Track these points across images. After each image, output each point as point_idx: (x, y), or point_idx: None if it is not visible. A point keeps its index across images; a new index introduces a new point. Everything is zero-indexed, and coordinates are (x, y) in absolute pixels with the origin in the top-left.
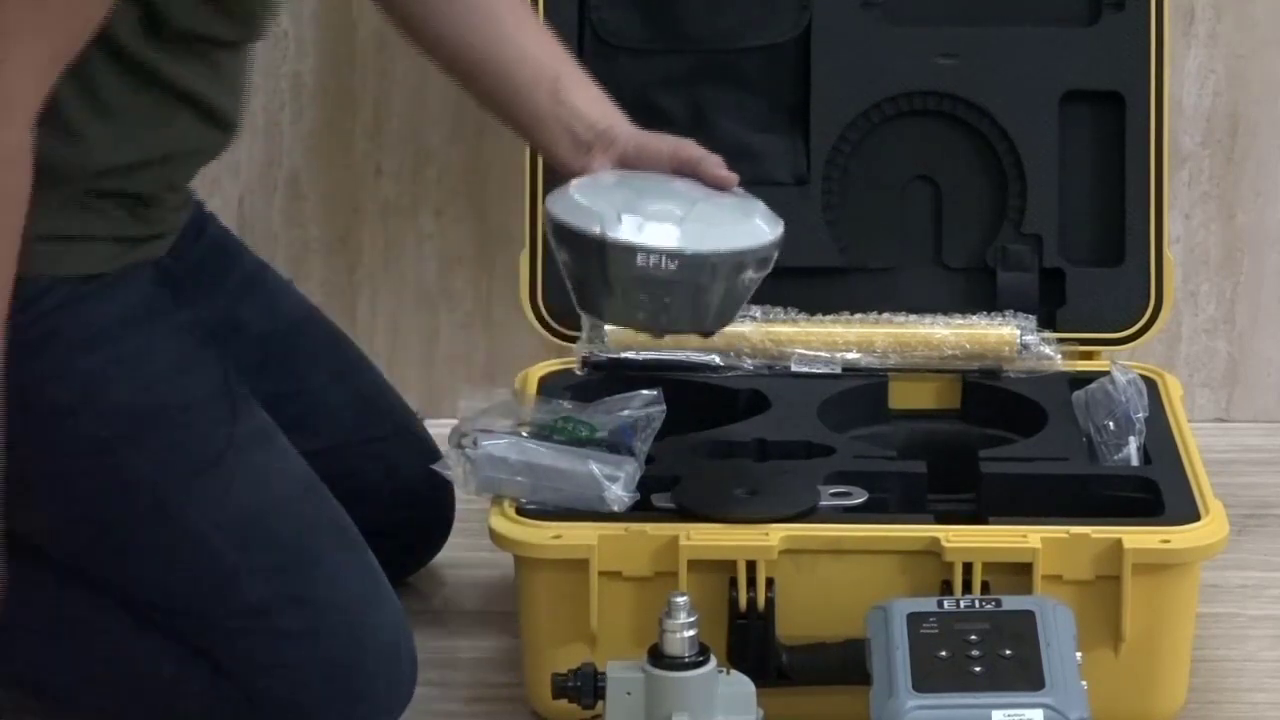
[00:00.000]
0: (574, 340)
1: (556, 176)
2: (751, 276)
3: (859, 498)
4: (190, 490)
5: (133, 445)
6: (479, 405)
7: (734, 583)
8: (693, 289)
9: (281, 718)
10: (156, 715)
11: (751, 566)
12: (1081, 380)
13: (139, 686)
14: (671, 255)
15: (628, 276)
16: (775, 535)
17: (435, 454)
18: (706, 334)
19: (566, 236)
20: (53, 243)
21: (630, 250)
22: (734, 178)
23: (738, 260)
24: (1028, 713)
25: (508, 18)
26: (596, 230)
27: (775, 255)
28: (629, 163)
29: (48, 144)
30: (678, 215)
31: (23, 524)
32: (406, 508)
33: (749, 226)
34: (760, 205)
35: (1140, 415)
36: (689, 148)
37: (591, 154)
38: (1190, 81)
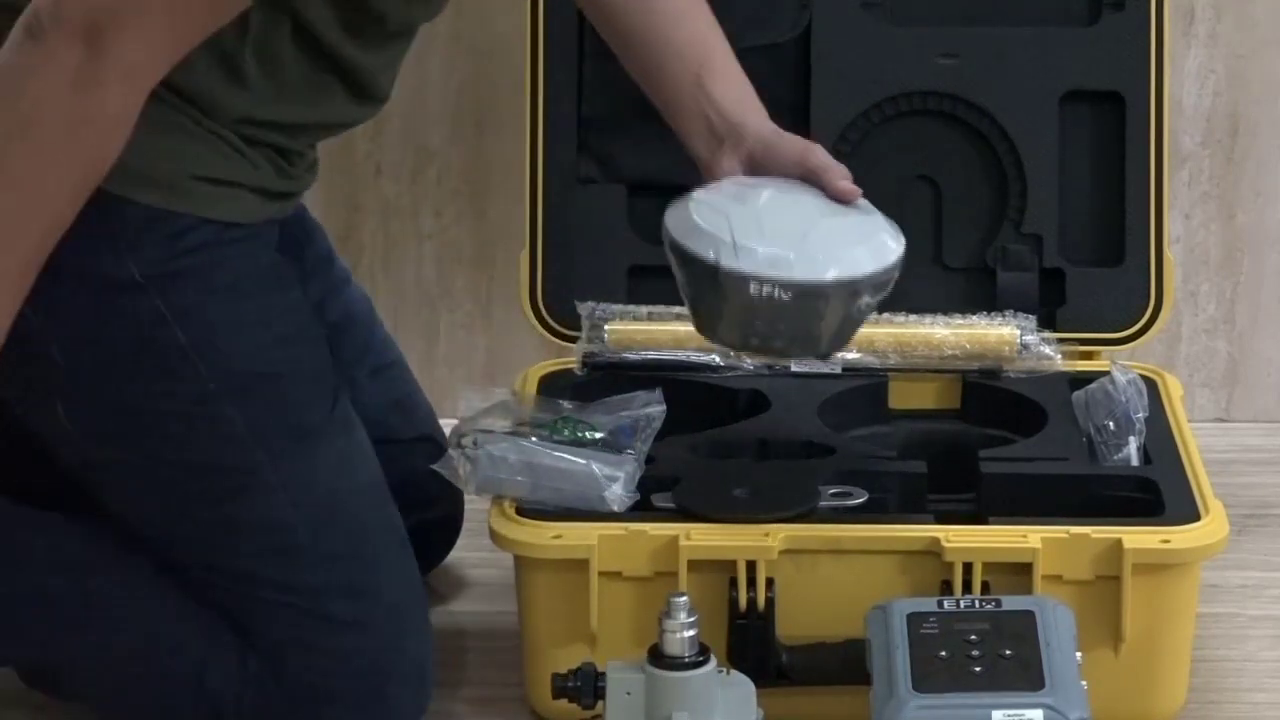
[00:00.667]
0: (574, 340)
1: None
2: (868, 301)
3: (859, 498)
4: (279, 461)
5: (235, 403)
6: (479, 405)
7: (734, 583)
8: (807, 316)
9: (304, 704)
10: (182, 696)
11: (751, 566)
12: (1081, 380)
13: (168, 666)
14: (785, 285)
15: (741, 305)
16: (775, 535)
17: None
18: (822, 358)
19: (682, 259)
20: (205, 184)
21: (744, 279)
22: (857, 191)
23: (853, 288)
24: (1028, 713)
25: None
26: (711, 257)
27: (895, 277)
28: (756, 163)
29: (213, 81)
30: (794, 240)
31: (96, 459)
32: (419, 512)
33: (867, 250)
34: (882, 221)
35: (1140, 415)
36: (815, 155)
37: (722, 150)
38: (1190, 81)
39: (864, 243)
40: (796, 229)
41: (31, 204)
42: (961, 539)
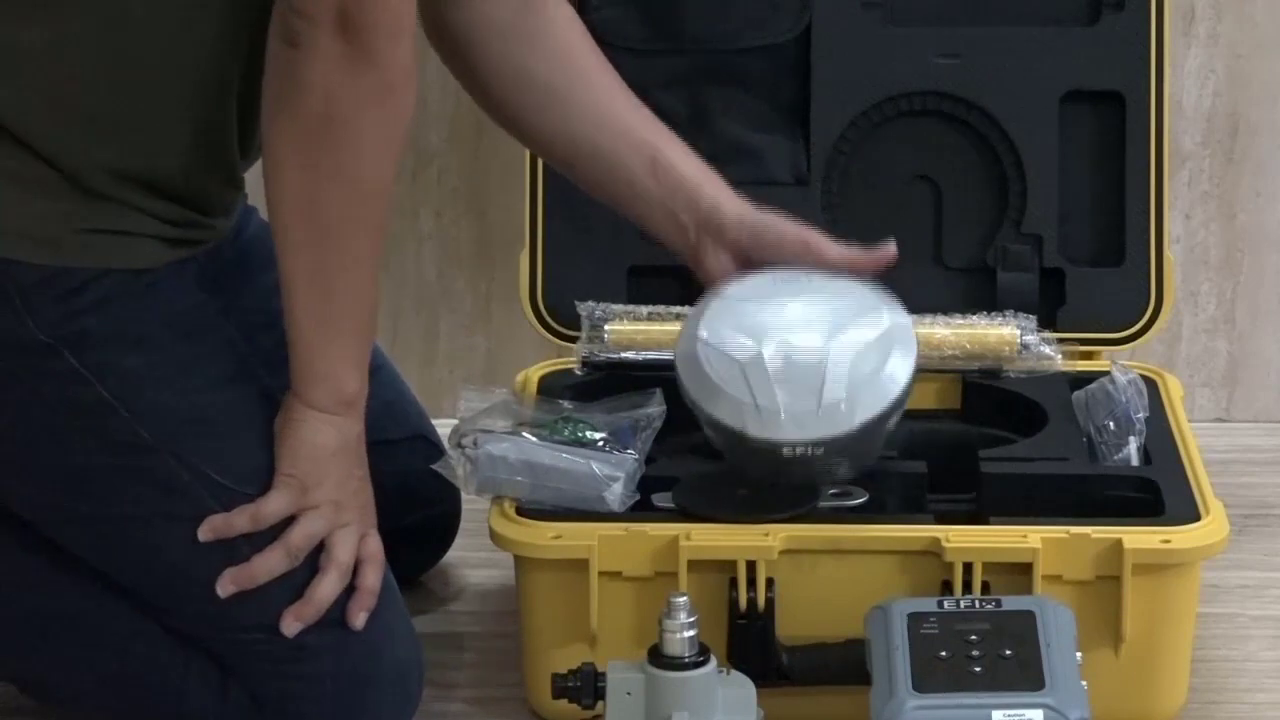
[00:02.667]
0: (574, 340)
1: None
2: (896, 420)
3: (859, 498)
4: (224, 503)
5: (170, 450)
6: (479, 405)
7: (734, 583)
8: (841, 459)
9: None
10: (163, 716)
11: (751, 566)
12: (1081, 380)
13: (146, 686)
14: (817, 443)
15: (774, 464)
16: (775, 535)
17: None
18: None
19: (706, 420)
20: (96, 235)
21: (774, 445)
22: (883, 258)
23: (882, 419)
24: (1028, 713)
25: (603, 100)
26: (736, 425)
27: (915, 383)
28: (743, 251)
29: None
30: (813, 388)
31: (52, 511)
32: (416, 511)
33: (885, 372)
34: (886, 316)
35: (1140, 415)
36: (815, 245)
37: (701, 243)
38: (1190, 81)
39: (881, 361)
40: (812, 372)
41: (371, 191)
42: (961, 539)
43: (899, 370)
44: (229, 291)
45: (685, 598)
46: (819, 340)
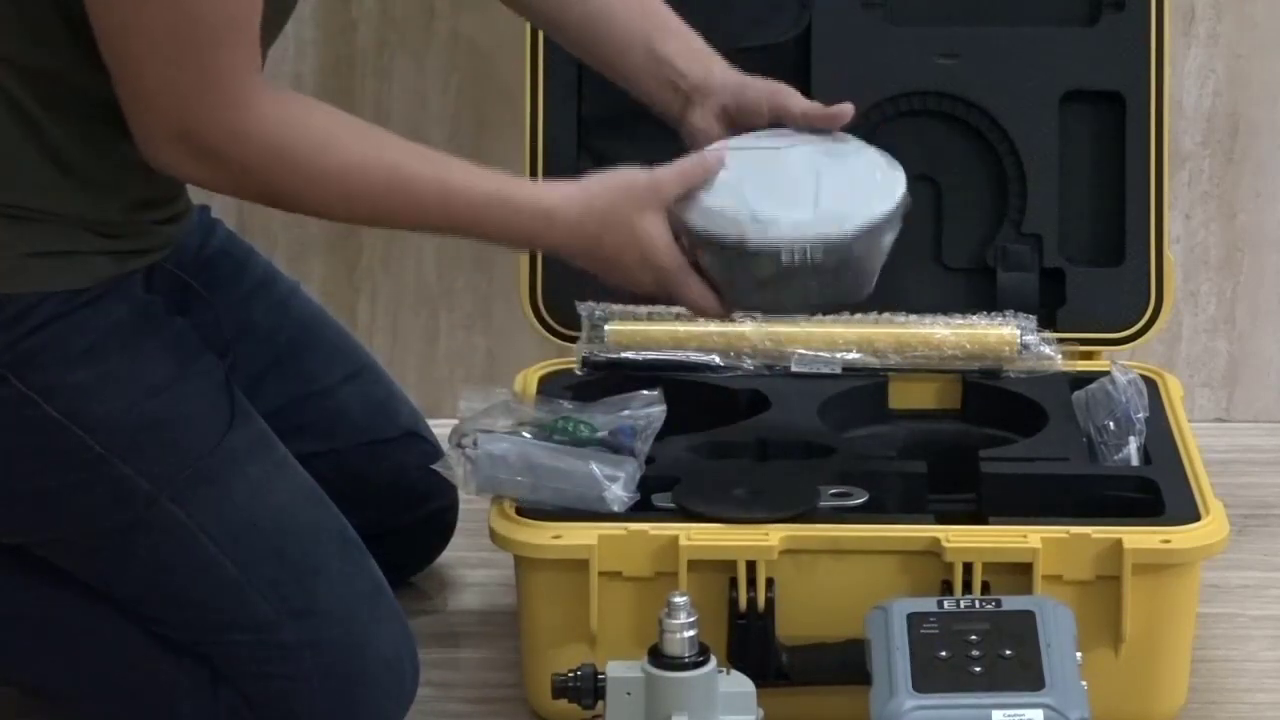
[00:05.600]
0: (574, 340)
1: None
2: (890, 237)
3: (859, 498)
4: (187, 504)
5: (128, 459)
6: (479, 405)
7: (734, 583)
8: (840, 269)
9: None
10: (154, 718)
11: (751, 566)
12: (1082, 380)
13: (138, 689)
14: (815, 246)
15: (775, 274)
16: (775, 535)
17: (441, 456)
18: (857, 302)
19: (707, 244)
20: (41, 259)
21: (774, 249)
22: (845, 111)
23: (878, 228)
24: (1028, 713)
25: None
26: (736, 235)
27: (908, 207)
28: (730, 115)
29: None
30: (809, 201)
31: (22, 535)
32: (413, 509)
33: (877, 191)
34: (876, 155)
35: (1140, 415)
36: (783, 97)
37: (691, 106)
38: (1190, 81)
39: (872, 185)
40: (806, 189)
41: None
42: (961, 539)
43: (893, 187)
44: (199, 304)
45: (685, 598)
46: (810, 166)
